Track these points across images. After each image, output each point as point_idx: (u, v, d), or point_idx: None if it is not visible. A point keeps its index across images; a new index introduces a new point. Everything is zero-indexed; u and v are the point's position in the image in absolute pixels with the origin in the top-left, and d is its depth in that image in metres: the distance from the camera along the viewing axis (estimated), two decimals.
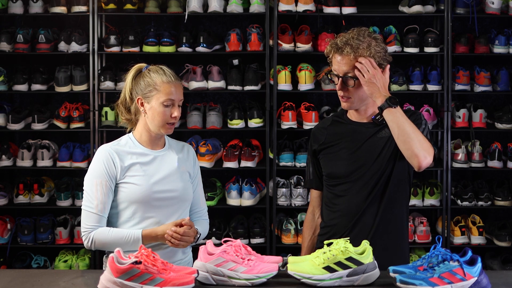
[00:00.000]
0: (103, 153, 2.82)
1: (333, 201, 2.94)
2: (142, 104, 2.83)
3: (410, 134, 2.72)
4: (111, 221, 2.85)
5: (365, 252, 2.54)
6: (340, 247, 2.52)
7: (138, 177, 2.81)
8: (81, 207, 2.81)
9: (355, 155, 2.88)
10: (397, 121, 2.74)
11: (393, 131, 2.75)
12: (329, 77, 2.93)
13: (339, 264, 2.50)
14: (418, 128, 2.79)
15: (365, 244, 2.57)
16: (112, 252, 2.48)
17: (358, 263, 2.50)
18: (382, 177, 2.85)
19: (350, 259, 2.50)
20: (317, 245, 2.99)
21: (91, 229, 2.77)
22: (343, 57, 2.83)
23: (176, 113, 2.81)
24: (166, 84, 2.80)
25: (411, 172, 2.93)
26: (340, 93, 2.88)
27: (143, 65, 2.90)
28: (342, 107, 2.94)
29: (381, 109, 2.76)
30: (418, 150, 2.71)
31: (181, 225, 2.75)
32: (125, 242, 2.73)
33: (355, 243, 2.59)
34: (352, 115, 2.96)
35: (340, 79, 2.85)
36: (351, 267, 2.50)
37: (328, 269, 2.50)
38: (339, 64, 2.85)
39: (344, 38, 2.84)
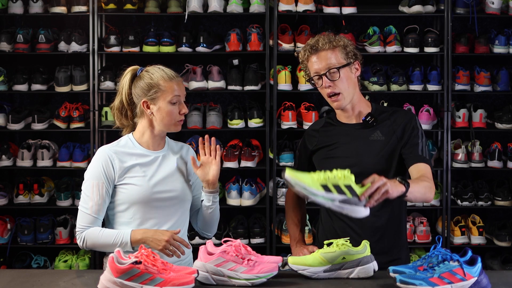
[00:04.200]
0: (102, 155, 2.80)
1: None
2: (148, 107, 2.81)
3: (422, 196, 2.73)
4: (111, 223, 2.83)
5: (362, 245, 2.56)
6: (343, 174, 2.46)
7: (138, 178, 2.79)
8: (78, 207, 2.81)
9: (350, 157, 2.89)
10: (415, 198, 2.70)
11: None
12: (312, 82, 2.91)
13: (337, 187, 2.44)
14: (416, 143, 2.84)
15: (365, 244, 2.58)
16: (112, 252, 2.49)
17: (354, 193, 2.44)
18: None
19: (348, 187, 2.44)
20: (318, 244, 2.99)
21: (84, 229, 2.76)
22: (319, 53, 2.85)
23: (184, 109, 2.81)
24: (169, 82, 2.79)
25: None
26: (327, 91, 2.87)
27: (137, 67, 2.87)
28: (335, 108, 2.94)
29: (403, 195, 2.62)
30: (429, 198, 2.75)
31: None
32: (114, 243, 2.71)
33: (355, 244, 2.60)
34: (341, 117, 2.98)
35: (324, 76, 2.85)
36: (346, 195, 2.44)
37: (325, 187, 2.45)
38: (318, 62, 2.86)
39: (314, 39, 2.90)
